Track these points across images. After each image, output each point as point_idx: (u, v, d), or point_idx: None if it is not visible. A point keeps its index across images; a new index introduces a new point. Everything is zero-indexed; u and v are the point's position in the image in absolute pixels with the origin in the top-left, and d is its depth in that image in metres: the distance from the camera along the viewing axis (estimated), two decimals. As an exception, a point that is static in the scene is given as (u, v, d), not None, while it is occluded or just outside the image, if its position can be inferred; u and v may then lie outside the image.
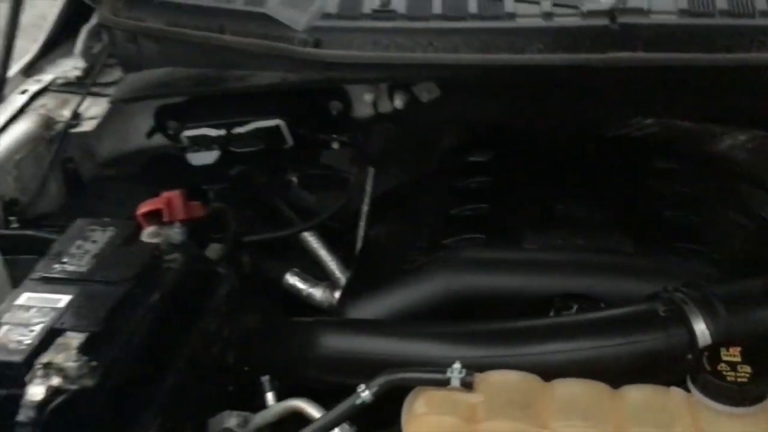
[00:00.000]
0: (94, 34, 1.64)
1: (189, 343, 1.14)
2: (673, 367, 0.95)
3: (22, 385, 0.93)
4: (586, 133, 1.55)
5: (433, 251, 1.27)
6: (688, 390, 0.88)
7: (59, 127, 1.51)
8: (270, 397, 1.13)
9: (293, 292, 1.46)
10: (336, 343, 1.14)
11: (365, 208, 1.53)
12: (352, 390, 0.97)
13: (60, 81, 1.60)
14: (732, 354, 0.87)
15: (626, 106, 1.49)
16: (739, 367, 0.85)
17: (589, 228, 1.27)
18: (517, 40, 1.25)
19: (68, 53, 1.67)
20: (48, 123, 1.51)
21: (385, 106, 1.47)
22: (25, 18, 1.51)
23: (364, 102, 1.47)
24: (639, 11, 1.24)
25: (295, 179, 1.53)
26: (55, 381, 0.92)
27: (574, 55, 1.23)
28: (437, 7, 1.32)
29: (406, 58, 1.28)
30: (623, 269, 1.19)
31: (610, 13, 1.23)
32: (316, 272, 1.51)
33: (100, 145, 1.61)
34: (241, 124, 1.40)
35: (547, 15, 1.26)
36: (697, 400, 0.86)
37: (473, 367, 0.92)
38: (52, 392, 0.92)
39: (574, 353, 0.98)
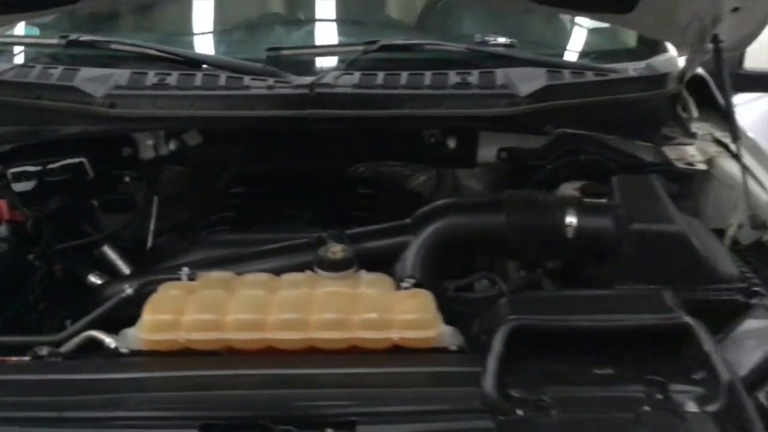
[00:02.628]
0: None
1: (17, 303, 1.64)
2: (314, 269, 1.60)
3: None
4: (319, 173, 2.23)
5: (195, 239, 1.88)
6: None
7: None
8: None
9: (94, 288, 1.96)
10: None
11: (152, 226, 2.08)
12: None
13: None
14: (334, 251, 1.56)
15: (340, 154, 2.19)
16: (336, 253, 1.56)
17: (301, 223, 1.94)
18: (250, 102, 1.91)
19: None
20: None
21: (163, 150, 2.06)
22: None
23: (147, 146, 2.05)
24: (328, 85, 1.95)
25: (96, 203, 2.06)
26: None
27: (287, 111, 1.91)
28: (198, 81, 1.95)
29: (174, 113, 1.90)
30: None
31: (310, 86, 1.92)
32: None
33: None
34: (54, 162, 1.92)
35: (270, 87, 1.93)
36: (317, 273, 1.55)
37: None
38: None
39: (266, 265, 1.67)
